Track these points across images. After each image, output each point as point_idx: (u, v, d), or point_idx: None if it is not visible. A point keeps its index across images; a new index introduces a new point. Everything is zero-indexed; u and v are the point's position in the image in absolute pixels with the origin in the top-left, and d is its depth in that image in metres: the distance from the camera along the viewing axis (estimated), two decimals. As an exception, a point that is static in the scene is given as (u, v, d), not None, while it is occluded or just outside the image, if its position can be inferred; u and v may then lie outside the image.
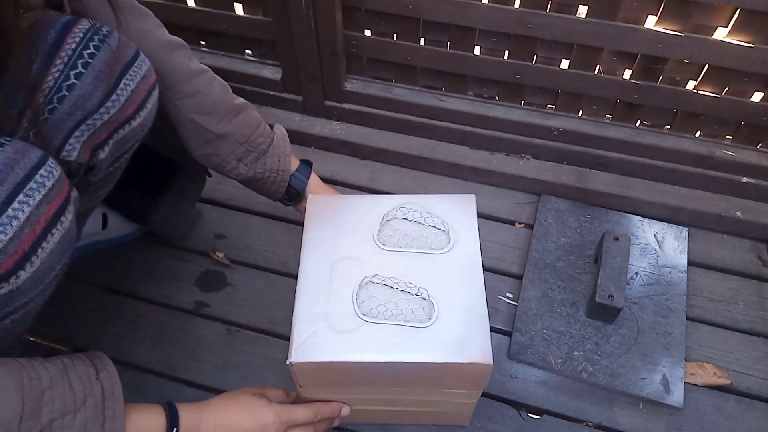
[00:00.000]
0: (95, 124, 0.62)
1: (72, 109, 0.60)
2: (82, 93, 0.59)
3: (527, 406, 0.88)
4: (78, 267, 1.01)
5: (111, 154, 0.67)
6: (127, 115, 0.65)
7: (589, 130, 1.07)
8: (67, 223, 0.54)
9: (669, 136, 1.06)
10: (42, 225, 0.51)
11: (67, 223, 0.54)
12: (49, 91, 0.59)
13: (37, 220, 0.50)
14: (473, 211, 0.78)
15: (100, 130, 0.63)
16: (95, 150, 0.64)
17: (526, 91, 1.08)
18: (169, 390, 0.89)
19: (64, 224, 0.53)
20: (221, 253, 1.03)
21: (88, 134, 0.62)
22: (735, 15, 0.86)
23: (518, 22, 0.94)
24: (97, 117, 0.61)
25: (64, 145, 0.61)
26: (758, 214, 1.06)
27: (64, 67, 0.59)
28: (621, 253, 0.93)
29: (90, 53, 0.60)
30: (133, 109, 0.65)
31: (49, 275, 0.54)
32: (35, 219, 0.50)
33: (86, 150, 0.63)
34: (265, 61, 1.18)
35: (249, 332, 0.95)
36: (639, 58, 0.95)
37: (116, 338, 0.94)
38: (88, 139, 0.62)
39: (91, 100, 0.60)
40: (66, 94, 0.59)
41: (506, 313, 0.97)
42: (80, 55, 0.59)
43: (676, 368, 0.89)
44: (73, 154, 0.62)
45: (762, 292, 1.01)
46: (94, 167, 0.67)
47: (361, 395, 0.76)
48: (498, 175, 1.13)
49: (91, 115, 0.61)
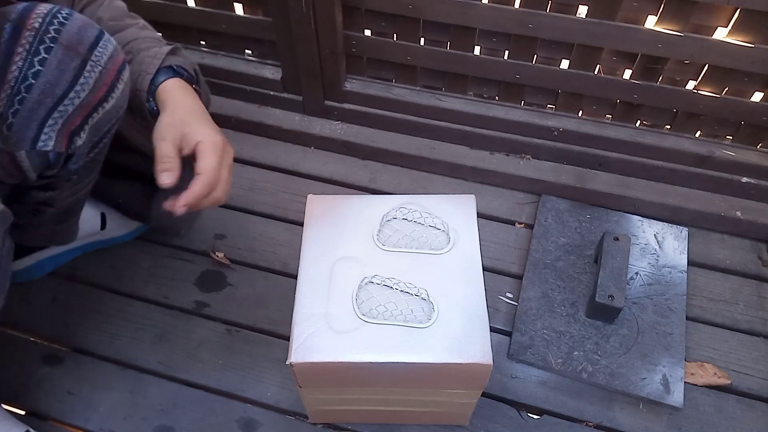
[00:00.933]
0: (67, 110, 0.61)
1: (41, 96, 0.59)
2: (48, 79, 0.59)
3: (527, 406, 0.88)
4: (78, 267, 1.01)
5: (89, 139, 0.66)
6: (99, 97, 0.64)
7: (589, 130, 1.07)
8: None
9: (669, 136, 1.06)
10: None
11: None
12: (15, 81, 0.58)
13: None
14: (473, 211, 0.78)
15: (74, 115, 0.62)
16: (72, 137, 0.64)
17: (526, 91, 1.08)
18: (169, 390, 0.89)
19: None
20: (221, 253, 1.03)
21: (62, 121, 0.61)
22: (735, 15, 0.86)
23: (518, 22, 0.94)
24: (68, 102, 0.60)
25: (40, 135, 0.60)
26: (758, 214, 1.05)
27: (27, 54, 0.58)
28: (621, 253, 0.93)
29: (51, 37, 0.58)
30: (105, 91, 0.64)
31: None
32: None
33: (62, 138, 0.62)
34: (265, 61, 1.18)
35: (249, 332, 0.95)
36: (639, 58, 0.95)
37: (116, 338, 0.94)
38: (62, 126, 0.61)
39: (59, 85, 0.59)
40: (33, 82, 0.58)
41: (506, 313, 0.97)
42: (41, 40, 0.58)
43: (676, 368, 0.89)
44: (50, 143, 0.61)
45: (762, 292, 1.01)
46: (74, 155, 0.66)
47: (361, 395, 0.76)
48: (498, 175, 1.13)
49: (61, 101, 0.60)
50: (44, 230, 0.82)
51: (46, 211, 0.77)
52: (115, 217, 0.99)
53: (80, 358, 0.92)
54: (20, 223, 0.77)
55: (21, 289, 0.97)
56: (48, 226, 0.82)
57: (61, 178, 0.70)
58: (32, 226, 0.80)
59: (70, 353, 0.93)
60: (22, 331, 0.95)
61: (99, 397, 0.88)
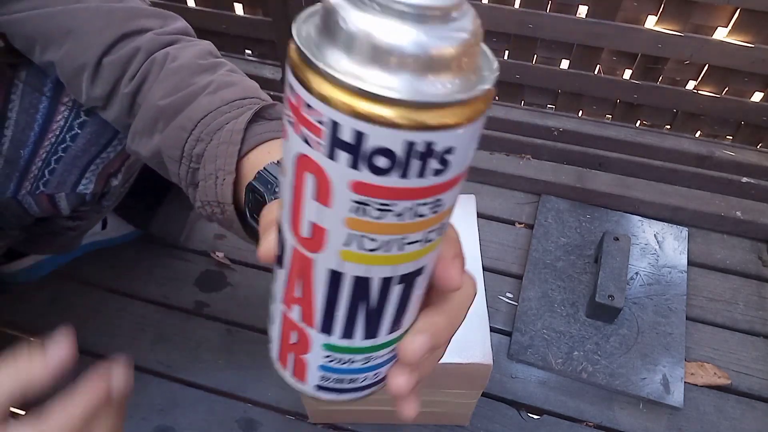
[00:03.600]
0: (109, 157, 0.62)
1: (86, 145, 0.60)
2: (95, 129, 0.59)
3: (527, 406, 0.88)
4: (78, 267, 1.01)
5: (124, 179, 0.67)
6: None
7: (589, 130, 1.07)
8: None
9: (669, 136, 1.06)
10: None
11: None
12: (61, 130, 0.58)
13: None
14: (473, 211, 0.78)
15: (114, 161, 0.63)
16: (109, 178, 0.65)
17: (526, 91, 1.08)
18: (169, 390, 0.89)
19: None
20: (221, 253, 1.03)
21: (102, 166, 0.62)
22: (735, 15, 0.86)
23: (518, 22, 0.94)
24: (110, 150, 0.61)
25: (81, 180, 0.61)
26: (758, 214, 1.05)
27: (74, 104, 0.58)
28: (621, 253, 0.93)
29: None
30: None
31: None
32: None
33: (101, 181, 0.63)
34: (265, 61, 1.18)
35: (249, 332, 0.95)
36: (639, 58, 0.95)
37: (116, 338, 0.94)
38: (102, 170, 0.62)
39: (105, 135, 0.60)
40: (78, 132, 0.59)
41: (506, 313, 0.97)
42: None
43: (676, 368, 0.89)
44: (90, 186, 0.62)
45: (762, 292, 1.01)
46: (107, 193, 0.67)
47: (361, 395, 0.76)
48: (498, 175, 1.13)
49: (105, 149, 0.61)
50: (52, 244, 0.83)
51: (66, 235, 0.78)
52: (116, 217, 1.00)
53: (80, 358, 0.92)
54: (31, 237, 0.78)
55: (21, 289, 0.97)
56: (59, 242, 0.82)
57: (92, 211, 0.71)
58: (42, 242, 0.80)
59: (70, 353, 0.93)
60: (22, 331, 0.95)
61: (99, 397, 0.88)
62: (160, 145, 0.44)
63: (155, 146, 0.45)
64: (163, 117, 0.44)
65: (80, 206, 0.66)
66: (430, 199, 0.21)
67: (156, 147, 0.45)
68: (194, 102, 0.43)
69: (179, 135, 0.43)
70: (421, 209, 0.21)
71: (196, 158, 0.43)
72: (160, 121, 0.45)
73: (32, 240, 0.78)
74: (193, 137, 0.43)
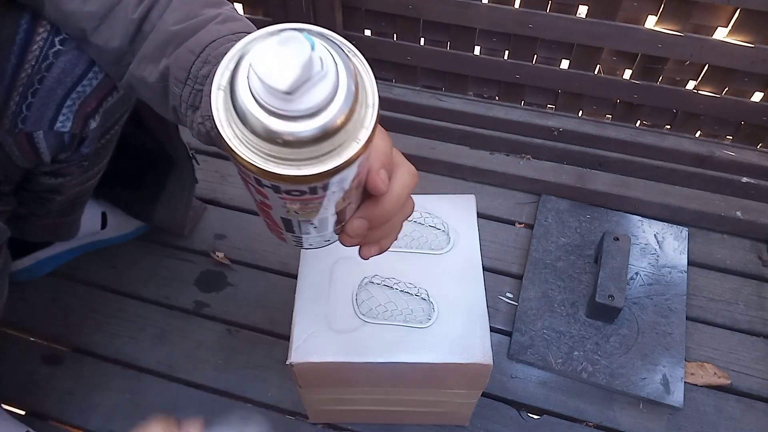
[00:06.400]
0: (85, 92, 0.61)
1: (61, 76, 0.59)
2: (69, 58, 0.59)
3: (527, 406, 0.88)
4: (78, 267, 1.01)
5: (101, 123, 0.67)
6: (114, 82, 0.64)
7: (589, 130, 1.07)
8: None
9: (669, 136, 1.06)
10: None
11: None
12: (36, 60, 0.58)
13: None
14: (473, 211, 0.78)
15: (90, 97, 0.62)
16: (87, 119, 0.64)
17: (526, 91, 1.08)
18: (169, 390, 0.89)
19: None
20: (221, 253, 1.03)
21: (79, 102, 0.61)
22: (735, 15, 0.86)
23: (518, 22, 0.94)
24: (86, 83, 0.61)
25: (58, 116, 0.61)
26: (758, 214, 1.05)
27: (48, 34, 0.58)
28: (621, 253, 0.93)
29: None
30: None
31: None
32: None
33: (78, 120, 0.63)
34: (265, 61, 1.18)
35: (249, 332, 0.95)
36: (639, 58, 0.95)
37: (116, 338, 0.94)
38: (79, 108, 0.62)
39: (79, 65, 0.59)
40: (53, 61, 0.58)
41: (506, 313, 0.97)
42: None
43: (676, 368, 0.89)
44: (67, 124, 0.62)
45: (762, 292, 1.01)
46: (86, 138, 0.67)
47: (361, 395, 0.76)
48: (498, 175, 1.13)
49: (80, 82, 0.60)
50: (47, 222, 0.82)
51: (53, 200, 0.77)
52: (116, 216, 0.99)
53: (80, 358, 0.92)
54: (23, 213, 0.78)
55: (21, 289, 0.97)
56: (51, 218, 0.82)
57: (73, 163, 0.71)
58: (35, 218, 0.80)
59: (70, 353, 0.93)
60: (22, 331, 0.95)
61: (99, 397, 0.88)
62: (169, 66, 0.48)
63: (163, 69, 0.49)
64: (174, 41, 0.48)
65: (60, 152, 0.66)
66: (324, 188, 0.33)
67: (163, 70, 0.49)
68: (204, 29, 0.48)
69: (188, 57, 0.47)
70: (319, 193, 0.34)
71: (201, 79, 0.47)
72: (170, 45, 0.48)
73: (24, 220, 0.78)
74: (200, 59, 0.47)
